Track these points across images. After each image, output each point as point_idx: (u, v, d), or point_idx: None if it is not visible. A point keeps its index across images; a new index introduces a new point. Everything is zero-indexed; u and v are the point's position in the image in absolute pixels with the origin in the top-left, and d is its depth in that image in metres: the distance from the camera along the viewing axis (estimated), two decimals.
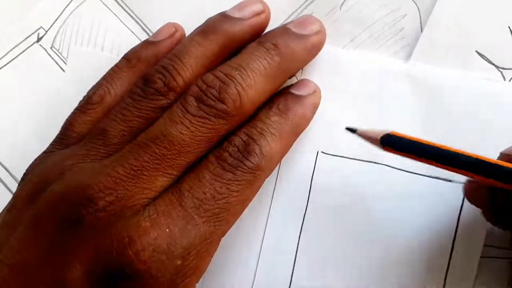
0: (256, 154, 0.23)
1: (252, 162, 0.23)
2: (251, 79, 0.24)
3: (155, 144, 0.22)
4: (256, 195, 0.24)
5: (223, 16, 0.26)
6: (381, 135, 0.22)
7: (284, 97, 0.26)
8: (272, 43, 0.25)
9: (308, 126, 0.27)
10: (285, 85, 0.27)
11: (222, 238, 0.23)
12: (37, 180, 0.23)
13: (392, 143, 0.22)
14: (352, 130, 0.24)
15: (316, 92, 0.27)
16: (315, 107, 0.27)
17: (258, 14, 0.27)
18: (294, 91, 0.26)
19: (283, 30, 0.26)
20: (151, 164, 0.22)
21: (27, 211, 0.22)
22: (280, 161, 0.27)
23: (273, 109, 0.25)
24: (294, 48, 0.25)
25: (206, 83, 0.23)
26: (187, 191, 0.22)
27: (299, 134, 0.26)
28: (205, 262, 0.22)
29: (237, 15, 0.26)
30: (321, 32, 0.26)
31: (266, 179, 0.24)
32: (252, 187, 0.23)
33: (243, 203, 0.23)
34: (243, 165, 0.23)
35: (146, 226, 0.21)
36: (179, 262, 0.21)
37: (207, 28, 0.26)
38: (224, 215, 0.22)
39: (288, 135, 0.25)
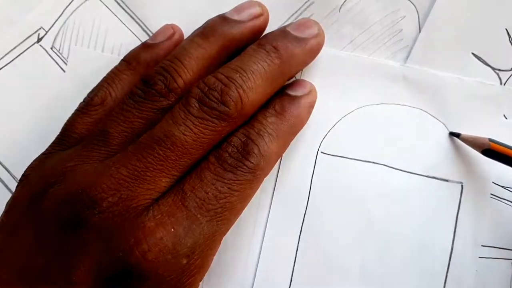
0: (255, 154, 0.23)
1: (251, 162, 0.23)
2: (252, 81, 0.24)
3: (158, 146, 0.22)
4: (256, 195, 0.24)
5: (222, 19, 0.27)
6: (483, 148, 0.25)
7: (280, 98, 0.26)
8: (272, 46, 0.25)
9: (308, 126, 0.27)
10: None
11: (223, 238, 0.23)
12: (37, 182, 0.23)
13: (493, 154, 0.25)
14: (455, 135, 0.27)
15: (312, 92, 0.27)
16: (311, 106, 0.27)
17: (256, 16, 0.27)
18: (290, 91, 0.26)
19: (283, 32, 0.26)
20: (154, 165, 0.22)
21: (28, 213, 0.22)
22: (278, 160, 0.27)
23: (269, 110, 0.25)
24: (293, 50, 0.25)
25: (207, 85, 0.24)
26: (189, 191, 0.22)
27: (296, 134, 0.26)
28: (208, 261, 0.22)
29: (236, 17, 0.26)
30: (320, 35, 0.27)
31: (266, 179, 0.25)
32: (252, 186, 0.24)
33: (244, 202, 0.24)
34: (243, 165, 0.23)
35: (151, 227, 0.21)
36: (184, 261, 0.21)
37: (207, 30, 0.26)
38: (226, 214, 0.22)
39: (285, 135, 0.25)
